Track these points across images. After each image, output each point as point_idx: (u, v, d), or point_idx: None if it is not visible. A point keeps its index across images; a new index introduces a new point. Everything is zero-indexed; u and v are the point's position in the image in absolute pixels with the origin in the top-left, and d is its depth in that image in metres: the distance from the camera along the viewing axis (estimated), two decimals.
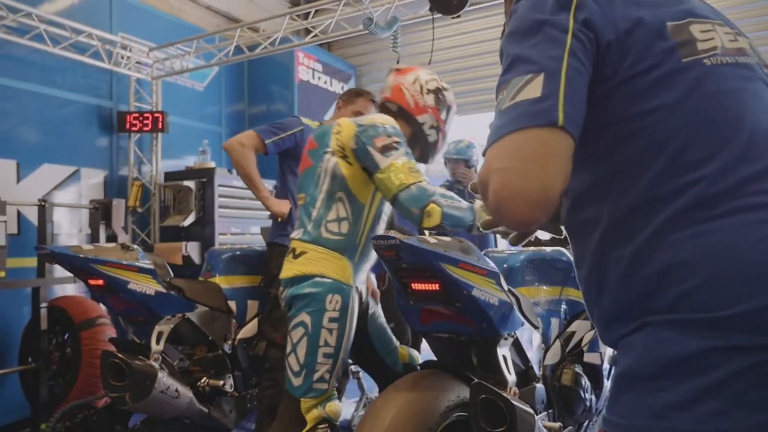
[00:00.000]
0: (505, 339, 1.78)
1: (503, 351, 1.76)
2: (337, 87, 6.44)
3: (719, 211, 0.74)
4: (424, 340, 2.01)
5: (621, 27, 0.80)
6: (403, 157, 1.80)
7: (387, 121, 1.91)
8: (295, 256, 1.93)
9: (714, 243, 0.73)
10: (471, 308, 1.68)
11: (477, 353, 1.85)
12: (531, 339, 2.04)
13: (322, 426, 1.83)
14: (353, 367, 3.56)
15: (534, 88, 0.75)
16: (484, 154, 0.78)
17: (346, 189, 1.90)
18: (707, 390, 0.68)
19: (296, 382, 1.85)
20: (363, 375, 3.70)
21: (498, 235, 3.52)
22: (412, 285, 1.71)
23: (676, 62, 0.80)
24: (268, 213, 2.79)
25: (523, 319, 1.89)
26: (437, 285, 1.66)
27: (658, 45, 0.80)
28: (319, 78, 6.18)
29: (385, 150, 1.80)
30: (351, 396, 3.80)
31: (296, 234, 1.99)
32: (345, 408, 3.47)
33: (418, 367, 2.08)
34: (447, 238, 1.71)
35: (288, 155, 2.83)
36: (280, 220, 2.73)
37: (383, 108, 2.10)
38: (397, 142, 1.82)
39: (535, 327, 2.00)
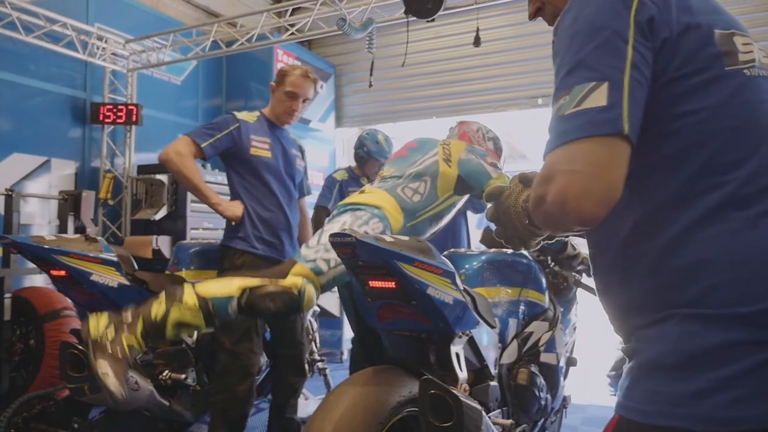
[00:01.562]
0: (459, 337, 1.82)
1: (456, 349, 1.80)
2: None
3: (750, 212, 0.78)
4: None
5: (675, 29, 0.83)
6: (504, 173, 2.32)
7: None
8: (362, 193, 2.26)
9: (743, 242, 0.78)
10: (426, 306, 1.72)
11: (433, 350, 1.88)
12: (488, 338, 2.09)
13: (295, 292, 1.91)
14: (320, 364, 3.60)
15: (599, 97, 0.78)
16: (545, 156, 0.82)
17: (433, 177, 2.28)
18: (729, 380, 0.73)
19: (305, 252, 2.06)
20: (330, 373, 3.73)
21: (470, 236, 3.58)
22: (370, 282, 1.74)
23: (720, 69, 0.84)
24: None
25: (478, 318, 1.93)
26: (393, 283, 1.69)
27: (706, 51, 0.84)
28: None
29: (493, 166, 2.32)
30: (317, 393, 3.83)
31: (372, 184, 2.34)
32: (311, 405, 3.52)
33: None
34: (405, 237, 1.74)
35: (230, 156, 2.66)
36: (234, 223, 2.59)
37: None
38: (497, 164, 2.36)
39: (491, 326, 2.04)
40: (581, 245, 2.50)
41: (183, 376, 2.42)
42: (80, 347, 2.05)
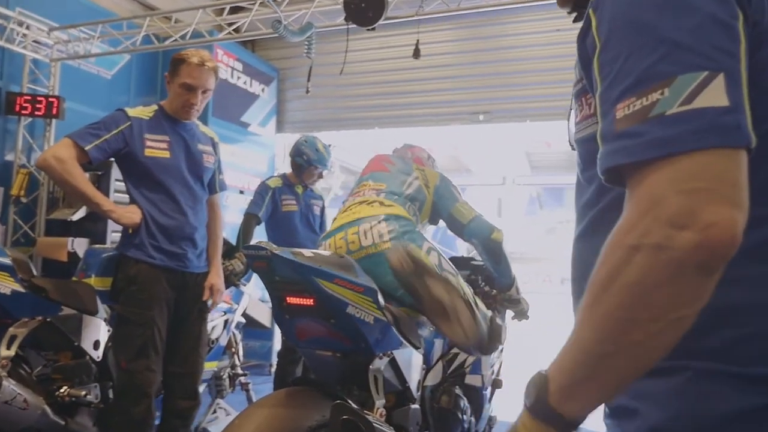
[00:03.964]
0: (380, 358, 1.74)
1: (375, 370, 1.72)
2: (257, 89, 6.28)
3: None
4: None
5: (766, 16, 0.67)
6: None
7: None
8: (369, 204, 2.28)
9: None
10: (346, 325, 1.64)
11: (354, 371, 1.80)
12: (412, 359, 2.02)
13: None
14: (243, 379, 3.44)
15: (716, 93, 0.59)
16: (636, 165, 0.61)
17: (422, 203, 2.38)
18: None
19: None
20: (255, 387, 3.57)
21: None
22: (287, 299, 1.65)
23: None
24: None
25: (402, 339, 1.86)
26: (312, 300, 1.61)
27: None
28: (239, 78, 5.99)
29: (458, 192, 2.48)
30: (240, 408, 3.66)
31: (357, 195, 2.37)
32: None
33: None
34: (326, 253, 1.66)
35: (123, 158, 2.36)
36: (131, 231, 2.34)
37: None
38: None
39: (416, 347, 1.98)
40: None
41: (83, 392, 2.24)
42: None
